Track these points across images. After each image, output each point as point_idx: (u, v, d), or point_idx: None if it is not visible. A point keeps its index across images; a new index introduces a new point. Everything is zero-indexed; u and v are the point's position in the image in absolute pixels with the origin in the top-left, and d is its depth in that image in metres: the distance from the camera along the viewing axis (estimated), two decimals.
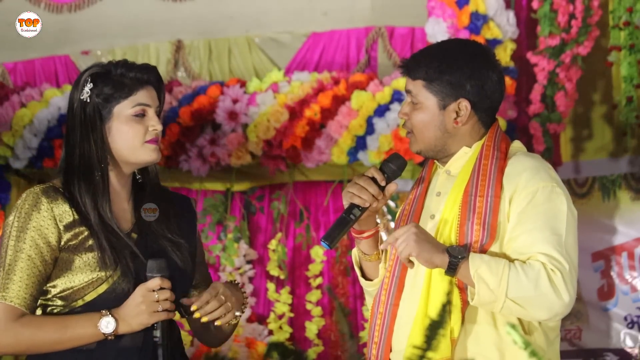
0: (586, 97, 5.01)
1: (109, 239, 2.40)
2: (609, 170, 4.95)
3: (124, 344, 2.40)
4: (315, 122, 5.05)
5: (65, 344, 2.36)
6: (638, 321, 4.80)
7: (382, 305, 2.49)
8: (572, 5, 4.76)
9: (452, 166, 2.54)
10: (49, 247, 2.38)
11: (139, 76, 2.49)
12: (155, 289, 2.38)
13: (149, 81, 2.51)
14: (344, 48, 5.46)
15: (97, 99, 2.47)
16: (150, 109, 2.49)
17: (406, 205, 2.59)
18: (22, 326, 2.35)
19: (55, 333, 2.36)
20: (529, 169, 2.48)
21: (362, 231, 2.58)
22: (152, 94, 2.50)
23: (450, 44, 2.75)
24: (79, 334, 2.36)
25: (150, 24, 5.58)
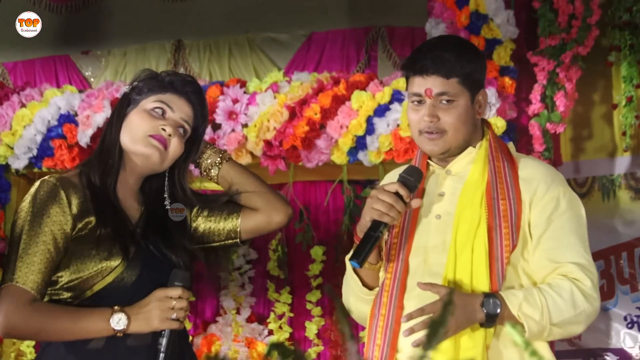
0: (586, 97, 5.01)
1: (117, 230, 2.40)
2: (609, 170, 4.95)
3: (132, 342, 2.40)
4: (315, 122, 5.05)
5: (75, 334, 2.37)
6: (638, 321, 4.79)
7: (384, 307, 2.47)
8: (572, 5, 4.76)
9: (454, 166, 2.53)
10: (63, 234, 2.40)
11: (174, 82, 2.53)
12: (174, 297, 2.38)
13: (184, 92, 2.53)
14: (344, 48, 5.46)
15: (134, 92, 2.53)
16: (173, 113, 2.50)
17: None
18: (34, 310, 2.35)
19: (66, 323, 2.36)
20: (546, 174, 2.52)
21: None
22: (183, 104, 2.52)
23: (457, 38, 2.76)
24: (90, 327, 2.36)
25: (150, 24, 5.58)
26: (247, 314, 5.40)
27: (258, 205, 2.59)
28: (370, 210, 2.37)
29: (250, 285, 5.46)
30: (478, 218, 2.42)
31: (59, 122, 5.39)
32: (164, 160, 2.49)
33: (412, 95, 2.49)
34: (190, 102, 2.54)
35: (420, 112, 2.46)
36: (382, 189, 2.40)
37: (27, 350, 5.49)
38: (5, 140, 5.43)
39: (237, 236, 2.61)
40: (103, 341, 2.40)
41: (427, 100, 2.45)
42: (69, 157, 5.35)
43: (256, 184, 2.61)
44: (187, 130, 2.53)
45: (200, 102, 2.56)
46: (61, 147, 5.35)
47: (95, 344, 2.40)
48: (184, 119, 2.51)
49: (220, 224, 2.60)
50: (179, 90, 2.52)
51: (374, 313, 2.51)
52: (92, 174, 2.47)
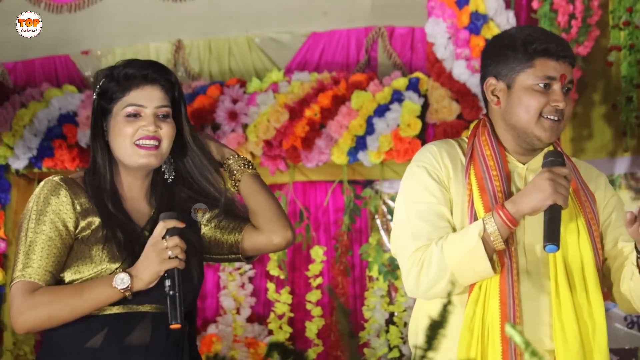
0: (586, 97, 5.01)
1: (119, 233, 2.40)
2: (609, 170, 4.95)
3: (130, 341, 2.40)
4: (315, 122, 5.05)
5: (84, 306, 2.36)
6: (638, 321, 4.79)
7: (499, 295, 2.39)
8: (572, 5, 4.76)
9: (534, 163, 2.48)
10: (66, 230, 2.40)
11: (135, 74, 2.47)
12: (162, 234, 2.36)
13: (148, 79, 2.47)
14: (344, 48, 5.46)
15: (100, 99, 2.49)
16: (146, 108, 2.45)
17: (485, 197, 2.41)
18: (40, 295, 2.36)
19: (72, 297, 2.36)
20: (596, 169, 2.66)
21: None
22: (149, 93, 2.47)
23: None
24: (96, 295, 2.36)
25: (150, 24, 5.58)
26: (247, 314, 5.40)
27: (259, 225, 2.56)
28: (556, 195, 2.29)
29: (250, 285, 5.46)
30: (575, 213, 2.42)
31: (59, 122, 5.39)
32: (162, 155, 2.48)
33: (542, 78, 2.40)
34: (156, 83, 2.48)
35: (545, 96, 2.41)
36: (557, 173, 2.33)
37: (27, 350, 5.49)
38: (5, 140, 5.43)
39: (238, 251, 2.58)
40: (101, 339, 2.39)
41: (556, 86, 2.41)
42: (69, 157, 5.35)
43: (262, 202, 2.57)
44: (168, 111, 2.48)
45: (162, 74, 2.49)
46: (61, 147, 5.35)
47: (92, 343, 2.40)
48: (159, 104, 2.47)
49: (224, 236, 2.58)
50: (139, 80, 2.47)
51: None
52: (90, 186, 2.47)
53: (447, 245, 2.33)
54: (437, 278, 2.33)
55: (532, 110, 2.41)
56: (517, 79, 2.42)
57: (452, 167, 2.45)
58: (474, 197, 2.39)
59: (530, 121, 2.42)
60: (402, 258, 2.41)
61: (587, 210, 2.45)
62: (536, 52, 2.41)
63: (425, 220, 2.39)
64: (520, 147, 2.48)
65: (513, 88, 2.43)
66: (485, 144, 2.47)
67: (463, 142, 2.54)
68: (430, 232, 2.37)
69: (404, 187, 2.48)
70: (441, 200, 2.41)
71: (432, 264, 2.33)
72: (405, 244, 2.39)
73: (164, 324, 2.41)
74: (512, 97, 2.43)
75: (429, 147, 2.50)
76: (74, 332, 2.42)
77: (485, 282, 2.35)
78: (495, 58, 2.47)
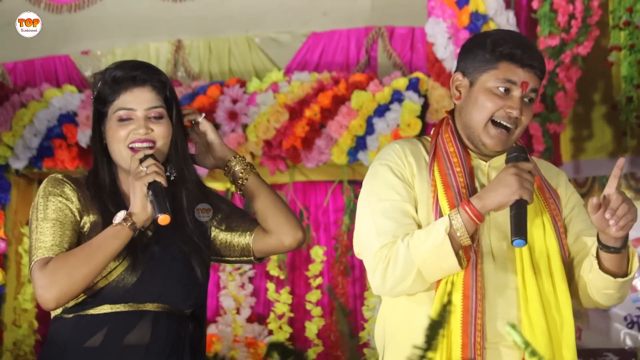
0: (586, 97, 5.01)
1: None
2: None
3: (130, 341, 2.40)
4: (315, 122, 5.05)
5: (99, 253, 2.35)
6: (638, 321, 4.79)
7: (465, 300, 2.41)
8: (572, 5, 4.76)
9: (497, 160, 2.48)
10: (73, 214, 2.42)
11: (124, 77, 2.46)
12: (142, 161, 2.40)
13: (137, 81, 2.46)
14: (344, 48, 5.46)
15: (96, 103, 2.50)
16: (137, 111, 2.45)
17: (450, 194, 2.41)
18: (53, 262, 2.37)
19: (84, 249, 2.37)
20: (556, 167, 2.65)
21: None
22: (139, 96, 2.45)
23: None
24: (104, 237, 2.37)
25: (150, 24, 5.58)
26: (247, 314, 5.40)
27: (269, 227, 2.55)
28: (522, 189, 2.28)
29: (250, 285, 5.46)
30: (540, 209, 2.43)
31: (59, 122, 5.39)
32: (159, 154, 2.48)
33: (502, 81, 2.38)
34: (146, 85, 2.47)
35: (502, 100, 2.39)
36: (521, 168, 2.32)
37: (27, 351, 5.49)
38: (5, 140, 5.43)
39: (250, 254, 2.57)
40: (101, 338, 2.39)
41: (516, 93, 2.39)
42: (69, 157, 5.35)
43: (270, 204, 2.56)
44: (161, 112, 2.47)
45: (152, 75, 2.48)
46: (61, 147, 5.35)
47: (92, 343, 2.40)
48: (149, 106, 2.46)
49: (235, 239, 2.58)
50: (128, 83, 2.46)
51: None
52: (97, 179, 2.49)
53: (413, 241, 2.32)
54: (403, 275, 2.33)
55: (484, 111, 2.40)
56: (480, 78, 2.41)
57: (416, 165, 2.44)
58: (439, 193, 2.39)
59: (479, 123, 2.41)
60: (367, 256, 2.40)
61: (552, 207, 2.46)
62: (502, 54, 2.39)
63: (390, 218, 2.38)
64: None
65: (474, 86, 2.42)
66: (449, 141, 2.46)
67: (426, 140, 2.53)
68: (395, 229, 2.36)
69: (367, 186, 2.48)
70: (405, 198, 2.40)
71: (399, 260, 2.32)
72: (371, 242, 2.38)
73: (165, 322, 2.41)
74: (471, 95, 2.42)
75: (392, 145, 2.49)
76: (74, 331, 2.42)
77: (451, 277, 2.35)
78: (466, 54, 2.46)
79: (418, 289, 2.36)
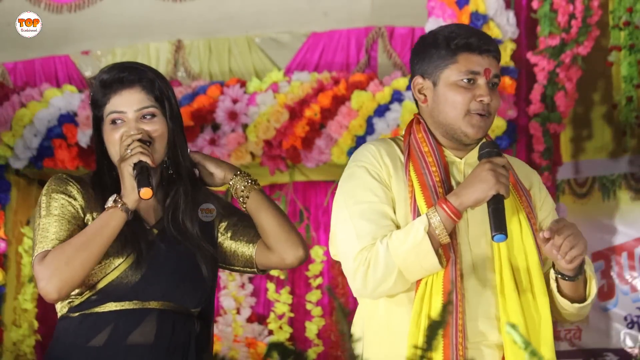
0: (586, 97, 5.01)
1: (122, 229, 2.40)
2: (609, 170, 4.95)
3: (134, 340, 2.40)
4: (315, 122, 5.05)
5: (95, 241, 2.36)
6: (638, 321, 4.79)
7: (442, 296, 2.42)
8: (572, 5, 4.76)
9: (471, 157, 2.49)
10: (76, 211, 2.44)
11: (112, 80, 2.47)
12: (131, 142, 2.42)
13: (125, 83, 2.47)
14: (344, 48, 5.46)
15: (92, 107, 2.52)
16: (127, 114, 2.46)
17: (427, 193, 2.41)
18: (51, 253, 2.38)
19: (79, 238, 2.38)
20: (529, 166, 2.65)
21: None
22: (128, 98, 2.46)
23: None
24: (99, 223, 2.38)
25: (150, 24, 5.58)
26: (247, 314, 5.40)
27: (270, 245, 2.55)
28: (499, 184, 2.28)
29: (250, 285, 5.46)
30: (516, 206, 2.43)
31: (59, 122, 5.39)
32: (155, 153, 2.47)
33: (465, 73, 2.38)
34: (135, 85, 2.47)
35: (471, 92, 2.39)
36: (496, 163, 2.33)
37: (27, 351, 5.49)
38: (5, 140, 5.43)
39: (253, 266, 2.58)
40: (106, 337, 2.39)
41: (481, 81, 2.39)
42: (69, 157, 5.35)
43: (272, 221, 2.55)
44: (152, 111, 2.48)
45: (141, 75, 2.49)
46: (61, 147, 5.35)
47: (96, 341, 2.40)
48: (139, 107, 2.46)
49: (240, 248, 2.58)
50: (117, 86, 2.47)
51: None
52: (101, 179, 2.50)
53: (393, 242, 2.32)
54: (385, 276, 2.32)
55: (458, 106, 2.40)
56: (442, 76, 2.41)
57: (392, 166, 2.44)
58: (416, 193, 2.39)
59: (457, 117, 2.41)
60: (346, 258, 2.39)
61: (525, 205, 2.46)
62: (458, 47, 2.39)
63: (368, 220, 2.37)
64: (453, 143, 2.48)
65: (438, 85, 2.42)
66: (423, 141, 2.46)
67: (400, 140, 2.52)
68: (374, 231, 2.35)
69: (343, 188, 2.47)
70: (383, 199, 2.39)
71: (379, 262, 2.32)
72: (350, 244, 2.38)
73: (169, 321, 2.41)
74: (438, 94, 2.42)
75: (367, 147, 2.48)
76: (79, 329, 2.42)
77: (431, 278, 2.34)
78: (420, 56, 2.46)
79: (399, 289, 2.36)
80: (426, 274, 2.33)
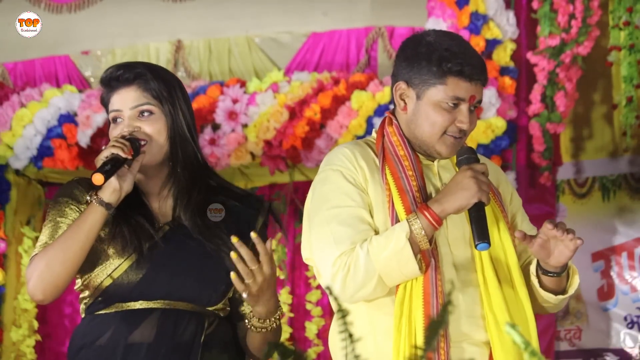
0: (586, 97, 5.01)
1: (125, 229, 2.41)
2: (609, 170, 4.95)
3: (134, 339, 2.40)
4: (315, 122, 5.05)
5: (72, 238, 2.36)
6: (638, 321, 4.79)
7: (422, 297, 2.42)
8: (572, 5, 4.75)
9: (444, 161, 2.50)
10: (75, 213, 2.44)
11: (109, 78, 2.49)
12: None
13: (121, 81, 2.48)
14: (344, 48, 5.46)
15: (103, 106, 2.54)
16: (123, 112, 2.47)
17: (405, 198, 2.40)
18: (35, 257, 2.40)
19: (60, 238, 2.39)
20: (494, 163, 2.71)
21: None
22: (125, 96, 2.48)
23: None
24: (77, 221, 2.38)
25: (150, 24, 5.58)
26: None
27: (249, 354, 2.54)
28: (481, 192, 2.30)
29: None
30: (491, 206, 2.43)
31: (59, 122, 5.38)
32: (154, 151, 2.47)
33: (451, 98, 2.38)
34: (131, 84, 2.48)
35: (452, 114, 2.39)
36: (477, 170, 2.33)
37: (27, 351, 5.49)
38: (5, 140, 5.43)
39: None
40: (108, 336, 2.41)
41: (464, 107, 2.40)
42: (69, 157, 5.35)
43: (258, 348, 2.51)
44: (149, 109, 2.48)
45: (136, 72, 2.49)
46: (61, 147, 5.35)
47: (100, 341, 2.42)
48: (134, 105, 2.47)
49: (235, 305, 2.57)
50: (115, 84, 2.49)
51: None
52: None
53: (373, 248, 2.31)
54: (364, 281, 2.32)
55: (436, 126, 2.40)
56: (427, 92, 2.40)
57: (368, 169, 2.42)
58: (394, 198, 2.37)
59: (433, 137, 2.41)
60: (324, 263, 2.37)
61: (498, 202, 2.47)
62: (450, 71, 2.38)
63: (347, 225, 2.36)
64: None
65: (422, 100, 2.41)
66: (398, 145, 2.45)
67: (372, 142, 2.51)
68: (352, 236, 2.34)
69: (318, 192, 2.47)
70: (360, 204, 2.38)
71: (359, 267, 2.31)
72: (328, 249, 2.36)
73: (172, 320, 2.41)
74: (420, 109, 2.41)
75: (341, 150, 2.46)
76: (87, 330, 2.45)
77: (410, 282, 2.34)
78: (409, 63, 2.44)
79: (378, 294, 2.36)
80: (405, 279, 2.33)
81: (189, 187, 2.51)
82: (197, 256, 2.46)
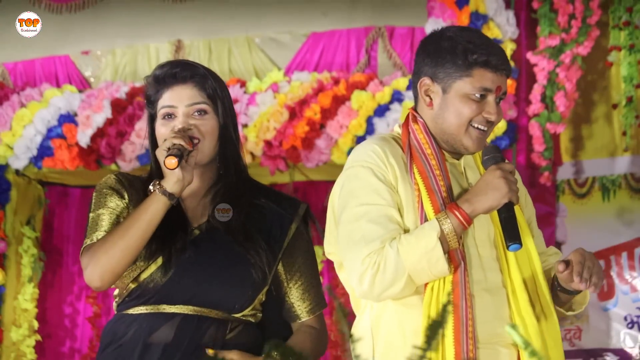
0: (586, 97, 5.01)
1: (154, 232, 2.39)
2: (609, 170, 4.95)
3: (152, 340, 2.40)
4: (315, 122, 5.06)
5: (133, 226, 2.37)
6: (638, 321, 4.80)
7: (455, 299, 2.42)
8: (572, 5, 4.76)
9: (467, 158, 2.50)
10: (124, 203, 2.46)
11: (165, 75, 2.48)
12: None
13: (177, 78, 2.47)
14: (344, 48, 5.46)
15: (147, 105, 2.53)
16: (177, 109, 2.46)
17: (434, 198, 2.38)
18: (94, 245, 2.41)
19: (119, 226, 2.40)
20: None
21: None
22: (180, 92, 2.46)
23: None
24: (138, 210, 2.39)
25: (150, 24, 5.58)
26: None
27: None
28: (511, 192, 2.29)
29: None
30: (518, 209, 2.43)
31: (59, 122, 5.39)
32: (204, 153, 2.46)
33: (479, 89, 2.37)
34: (187, 81, 2.48)
35: (479, 106, 2.38)
36: (506, 170, 2.32)
37: (27, 351, 5.49)
38: (5, 140, 5.43)
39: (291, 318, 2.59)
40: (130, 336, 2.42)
41: (490, 97, 2.39)
42: (69, 157, 5.35)
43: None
44: (203, 108, 2.47)
45: (193, 71, 2.49)
46: (61, 147, 5.35)
47: (123, 340, 2.43)
48: (190, 102, 2.46)
49: (288, 299, 2.57)
50: (170, 81, 2.48)
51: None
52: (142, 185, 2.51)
53: (403, 246, 2.30)
54: (393, 280, 2.31)
55: (463, 117, 2.39)
56: (454, 85, 2.39)
57: (398, 167, 2.41)
58: (423, 198, 2.36)
59: (459, 128, 2.40)
60: (352, 261, 2.36)
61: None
62: (476, 62, 2.37)
63: (376, 223, 2.35)
64: (451, 148, 2.47)
65: (448, 93, 2.40)
66: (425, 143, 2.43)
67: (397, 138, 2.50)
68: (382, 235, 2.33)
69: (347, 188, 2.44)
70: (390, 203, 2.37)
71: (389, 266, 2.30)
72: (356, 247, 2.35)
73: (192, 325, 2.40)
74: (447, 102, 2.40)
75: (371, 146, 2.45)
76: (114, 328, 2.47)
77: (437, 282, 2.33)
78: (433, 59, 2.43)
79: (406, 293, 2.35)
80: (434, 279, 2.33)
81: (239, 187, 2.51)
82: (224, 262, 2.44)
